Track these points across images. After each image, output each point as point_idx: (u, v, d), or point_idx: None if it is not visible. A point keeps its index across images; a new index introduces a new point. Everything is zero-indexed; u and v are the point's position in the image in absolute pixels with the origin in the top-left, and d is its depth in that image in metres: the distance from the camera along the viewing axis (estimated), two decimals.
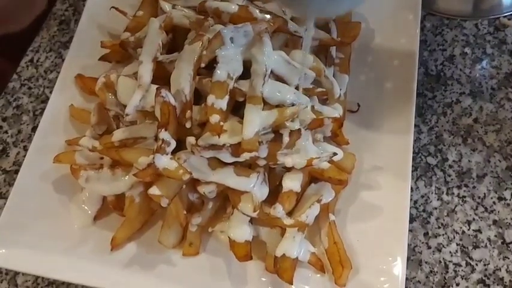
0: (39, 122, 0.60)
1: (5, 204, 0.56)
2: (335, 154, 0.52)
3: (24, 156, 0.59)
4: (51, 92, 0.62)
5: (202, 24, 0.53)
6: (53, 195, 0.56)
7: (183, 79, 0.50)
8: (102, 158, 0.55)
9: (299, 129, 0.51)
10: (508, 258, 0.54)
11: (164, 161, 0.49)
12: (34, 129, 0.62)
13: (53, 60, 0.67)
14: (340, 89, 0.58)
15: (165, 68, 0.54)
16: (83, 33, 0.63)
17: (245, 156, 0.49)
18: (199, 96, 0.53)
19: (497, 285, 0.53)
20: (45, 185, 0.56)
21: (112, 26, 0.64)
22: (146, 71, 0.52)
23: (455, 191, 0.57)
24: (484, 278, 0.53)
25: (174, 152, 0.51)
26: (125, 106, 0.53)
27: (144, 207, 0.54)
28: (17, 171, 0.58)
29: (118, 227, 0.54)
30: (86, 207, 0.55)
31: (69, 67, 0.61)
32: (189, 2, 0.60)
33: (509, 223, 0.56)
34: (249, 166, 0.52)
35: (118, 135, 0.53)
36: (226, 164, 0.51)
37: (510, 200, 0.57)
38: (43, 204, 0.56)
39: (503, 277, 0.53)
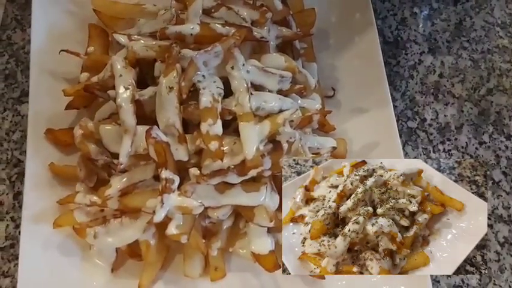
0: (18, 188, 0.58)
1: (11, 282, 0.53)
2: (334, 148, 0.53)
3: (15, 228, 0.56)
4: (20, 154, 0.59)
5: (169, 53, 0.51)
6: (61, 261, 0.54)
7: (171, 113, 0.49)
8: (102, 211, 0.53)
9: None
10: (502, 196, 0.59)
11: (174, 199, 0.49)
12: (15, 196, 0.59)
13: (11, 120, 0.62)
14: (313, 78, 0.59)
15: (142, 104, 0.52)
16: (37, 85, 0.59)
17: (252, 173, 0.49)
18: (185, 125, 0.52)
19: (499, 222, 0.57)
20: (50, 253, 0.54)
21: (65, 70, 0.60)
22: (128, 114, 0.50)
23: (440, 146, 0.61)
24: None
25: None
26: (111, 152, 0.52)
27: (161, 247, 0.53)
28: (12, 245, 0.56)
29: (138, 271, 0.53)
30: (100, 262, 0.54)
31: (34, 124, 0.57)
32: (142, 29, 0.58)
33: (494, 163, 0.60)
34: (253, 179, 0.53)
35: (116, 185, 0.51)
36: (233, 185, 0.51)
37: (489, 142, 0.61)
38: (54, 273, 0.53)
39: (501, 214, 0.58)
